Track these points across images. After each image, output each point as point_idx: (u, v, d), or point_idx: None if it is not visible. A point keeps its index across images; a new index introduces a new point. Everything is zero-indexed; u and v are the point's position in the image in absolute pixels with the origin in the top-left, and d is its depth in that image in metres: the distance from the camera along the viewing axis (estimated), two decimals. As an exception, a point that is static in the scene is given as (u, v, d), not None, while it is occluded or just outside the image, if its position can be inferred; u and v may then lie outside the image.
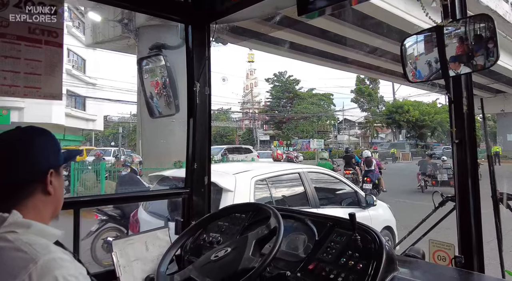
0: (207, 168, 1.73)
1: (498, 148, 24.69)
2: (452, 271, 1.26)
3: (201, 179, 1.71)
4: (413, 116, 36.62)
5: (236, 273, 1.06)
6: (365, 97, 42.78)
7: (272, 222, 1.17)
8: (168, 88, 1.54)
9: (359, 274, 1.05)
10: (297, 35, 13.73)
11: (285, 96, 41.79)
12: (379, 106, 44.10)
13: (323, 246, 1.21)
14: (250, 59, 43.18)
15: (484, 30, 1.13)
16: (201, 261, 1.19)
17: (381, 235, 1.14)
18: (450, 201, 1.36)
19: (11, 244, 0.70)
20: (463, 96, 1.25)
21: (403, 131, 38.24)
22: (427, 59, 1.26)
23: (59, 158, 0.87)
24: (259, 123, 42.58)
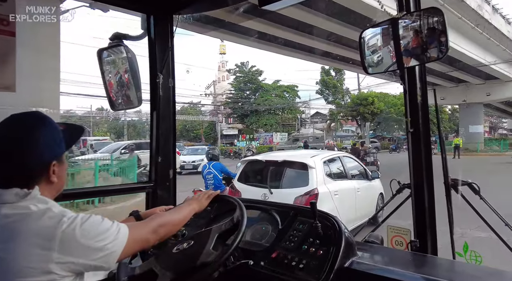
0: (172, 162, 1.78)
1: (459, 141, 25.04)
2: (408, 255, 1.40)
3: (166, 173, 1.75)
4: (378, 108, 37.93)
5: (195, 267, 1.12)
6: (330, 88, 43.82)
7: (236, 214, 1.24)
8: (130, 80, 1.55)
9: (320, 260, 1.15)
10: (267, 25, 13.73)
11: (247, 87, 41.89)
12: (344, 98, 45.46)
13: (286, 234, 1.31)
14: (221, 50, 42.90)
15: (435, 23, 1.26)
16: (163, 254, 1.23)
17: (340, 222, 1.25)
18: (407, 188, 1.50)
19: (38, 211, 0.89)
20: (417, 87, 1.39)
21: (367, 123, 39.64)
22: (384, 51, 1.38)
23: (61, 147, 0.97)
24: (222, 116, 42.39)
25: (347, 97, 45.31)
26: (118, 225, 0.96)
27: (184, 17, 1.72)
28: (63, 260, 0.85)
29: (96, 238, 0.90)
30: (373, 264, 1.20)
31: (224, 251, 1.13)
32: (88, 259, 0.88)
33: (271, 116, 41.31)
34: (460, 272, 1.22)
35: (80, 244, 0.87)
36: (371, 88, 39.94)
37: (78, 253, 0.87)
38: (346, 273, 1.13)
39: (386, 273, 1.11)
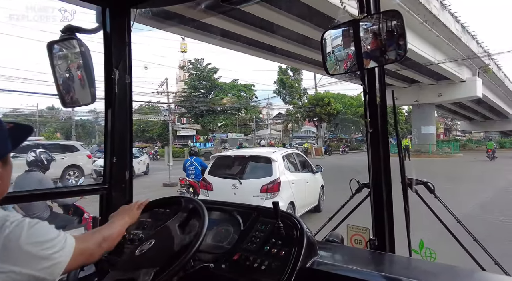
0: (128, 162, 1.75)
1: (408, 142, 25.83)
2: (366, 253, 1.49)
3: (121, 174, 1.73)
4: (335, 109, 39.25)
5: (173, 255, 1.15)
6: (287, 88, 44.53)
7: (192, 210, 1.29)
8: (83, 75, 1.50)
9: (282, 261, 1.19)
10: (230, 22, 13.75)
11: (202, 86, 41.45)
12: (301, 99, 46.49)
13: (248, 236, 1.34)
14: (182, 49, 42.10)
15: (394, 26, 1.35)
16: (125, 259, 1.23)
17: (302, 222, 1.31)
18: (366, 187, 1.59)
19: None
20: (377, 88, 1.48)
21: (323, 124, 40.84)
22: (345, 52, 1.46)
23: (6, 146, 0.93)
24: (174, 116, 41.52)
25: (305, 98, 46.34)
26: (65, 235, 0.94)
27: (143, 11, 1.70)
28: (4, 269, 0.80)
29: (43, 245, 0.86)
30: (334, 263, 1.26)
31: (183, 256, 1.13)
32: (33, 269, 0.83)
33: (227, 116, 41.20)
34: (415, 268, 1.30)
35: (25, 252, 0.83)
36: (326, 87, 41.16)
37: (21, 261, 0.82)
38: (308, 273, 1.18)
39: (346, 272, 1.17)
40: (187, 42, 42.71)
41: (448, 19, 20.33)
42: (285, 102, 47.03)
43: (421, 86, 30.27)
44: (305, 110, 42.90)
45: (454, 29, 21.02)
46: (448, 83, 28.78)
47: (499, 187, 11.08)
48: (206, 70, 41.44)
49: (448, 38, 20.85)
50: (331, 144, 40.33)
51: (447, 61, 23.23)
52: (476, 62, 27.57)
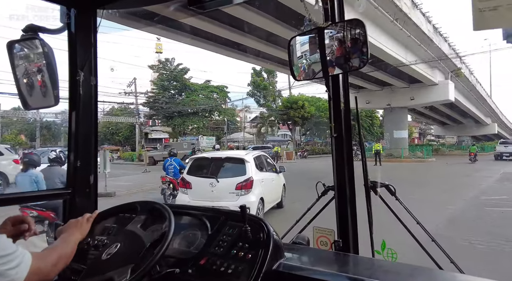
0: (93, 166, 1.75)
1: (379, 146, 25.77)
2: (331, 254, 1.58)
3: (86, 178, 1.73)
4: (309, 112, 39.78)
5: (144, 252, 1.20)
6: (261, 90, 44.71)
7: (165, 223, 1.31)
8: (46, 76, 1.51)
9: (248, 264, 1.24)
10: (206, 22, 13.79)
11: (172, 86, 40.91)
12: (275, 101, 46.74)
13: (215, 240, 1.39)
14: (158, 49, 41.45)
15: (358, 34, 1.46)
16: (92, 265, 1.25)
17: (269, 225, 1.37)
18: (331, 190, 1.69)
19: None
20: (341, 94, 1.59)
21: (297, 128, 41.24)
22: (311, 58, 1.55)
23: None
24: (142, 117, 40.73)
25: (279, 100, 46.60)
26: (23, 251, 0.93)
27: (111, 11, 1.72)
28: None
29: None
30: (299, 265, 1.33)
31: (148, 262, 1.17)
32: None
33: (199, 119, 40.80)
34: (377, 269, 1.39)
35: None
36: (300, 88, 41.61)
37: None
38: (274, 275, 1.23)
39: (311, 274, 1.24)
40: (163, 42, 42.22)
41: (420, 18, 20.28)
42: (259, 104, 47.19)
43: (393, 89, 30.52)
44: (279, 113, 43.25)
45: (425, 30, 21.00)
46: (420, 86, 29.22)
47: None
48: (176, 70, 40.93)
49: (420, 39, 20.92)
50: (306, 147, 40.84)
51: (418, 62, 23.46)
52: (449, 65, 28.10)
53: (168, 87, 40.80)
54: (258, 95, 45.92)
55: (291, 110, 39.52)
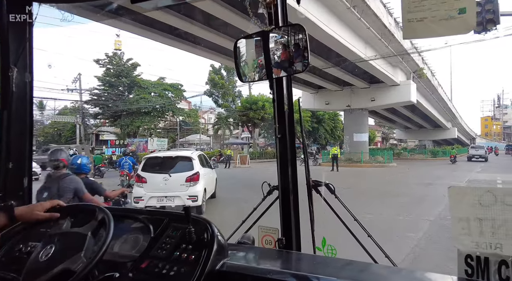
0: (27, 168, 1.77)
1: (336, 150, 25.68)
2: (274, 253, 1.73)
3: (19, 181, 1.74)
4: (270, 114, 40.01)
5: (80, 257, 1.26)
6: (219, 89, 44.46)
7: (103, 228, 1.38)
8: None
9: (191, 265, 1.32)
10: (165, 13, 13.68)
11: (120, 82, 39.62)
12: (234, 102, 46.71)
13: (158, 242, 1.46)
14: (116, 46, 40.10)
15: (299, 39, 1.62)
16: (30, 269, 1.29)
17: (214, 225, 1.46)
18: (276, 190, 1.85)
19: None
20: (284, 96, 1.75)
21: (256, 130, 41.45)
22: (256, 61, 1.70)
23: None
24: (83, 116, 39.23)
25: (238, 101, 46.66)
26: None
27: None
28: None
29: None
30: (243, 264, 1.43)
31: (84, 266, 1.22)
32: None
33: (150, 119, 39.88)
34: (318, 264, 1.53)
35: None
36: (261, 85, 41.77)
37: None
38: (217, 275, 1.32)
39: (253, 272, 1.35)
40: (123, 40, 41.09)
41: (380, 9, 19.56)
42: (217, 104, 46.97)
43: (353, 89, 30.65)
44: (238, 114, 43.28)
45: (386, 23, 20.29)
46: (381, 86, 29.51)
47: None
48: (126, 65, 39.81)
49: (380, 32, 20.49)
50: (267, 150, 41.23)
51: (378, 57, 23.11)
52: (411, 65, 28.62)
53: (115, 83, 39.58)
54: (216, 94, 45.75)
55: (251, 111, 39.67)
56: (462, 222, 1.14)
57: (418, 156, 45.94)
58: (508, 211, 1.08)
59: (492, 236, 1.11)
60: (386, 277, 1.37)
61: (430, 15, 1.43)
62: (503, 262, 1.09)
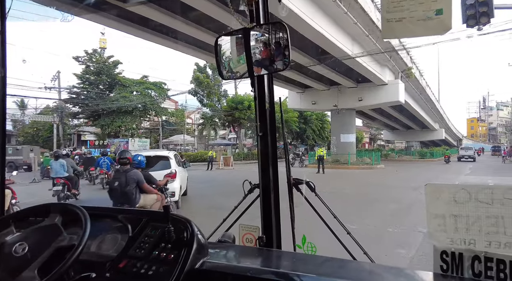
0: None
1: (322, 151, 25.28)
2: (255, 251, 1.77)
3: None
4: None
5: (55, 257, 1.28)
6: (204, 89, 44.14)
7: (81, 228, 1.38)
8: None
9: (170, 264, 1.34)
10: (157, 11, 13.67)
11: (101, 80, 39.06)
12: (220, 101, 46.42)
13: (136, 242, 1.48)
14: (101, 45, 39.51)
15: (281, 37, 1.66)
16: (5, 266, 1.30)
17: (193, 224, 1.49)
18: (257, 188, 1.89)
19: None
20: (266, 94, 1.80)
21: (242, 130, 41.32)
22: (238, 58, 1.74)
23: None
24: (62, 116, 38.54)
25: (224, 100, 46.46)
26: None
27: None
28: None
29: None
30: (223, 262, 1.46)
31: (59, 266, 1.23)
32: None
33: (131, 118, 39.26)
34: (297, 262, 1.57)
35: None
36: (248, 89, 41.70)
37: None
38: (196, 274, 1.35)
39: (233, 270, 1.38)
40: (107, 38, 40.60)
41: (368, 3, 19.01)
42: (202, 104, 46.73)
43: (340, 89, 30.40)
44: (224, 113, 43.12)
45: (374, 18, 19.47)
46: (369, 86, 29.39)
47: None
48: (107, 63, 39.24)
49: (368, 29, 19.94)
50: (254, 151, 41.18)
51: (365, 55, 22.71)
52: (399, 64, 28.51)
53: (95, 81, 38.98)
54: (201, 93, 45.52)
55: (237, 111, 39.56)
56: (438, 219, 1.20)
57: (406, 158, 46.40)
58: (481, 208, 1.14)
59: (466, 232, 1.17)
60: (364, 273, 1.42)
61: (409, 16, 1.49)
62: (476, 257, 1.14)
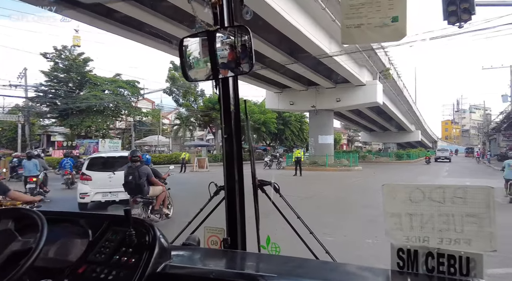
0: None
1: (300, 153, 25.31)
2: (219, 252, 1.81)
3: None
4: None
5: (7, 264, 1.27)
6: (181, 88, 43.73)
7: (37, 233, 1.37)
8: None
9: (131, 268, 1.36)
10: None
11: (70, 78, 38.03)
12: (197, 101, 46.22)
13: (96, 246, 1.49)
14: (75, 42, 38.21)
15: (244, 40, 1.72)
16: None
17: (155, 228, 1.51)
18: (223, 190, 1.94)
19: None
20: (231, 96, 1.85)
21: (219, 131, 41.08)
22: (202, 61, 1.78)
23: None
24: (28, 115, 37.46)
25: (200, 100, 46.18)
26: None
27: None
28: None
29: None
30: (186, 265, 1.49)
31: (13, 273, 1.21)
32: None
33: (102, 118, 38.57)
34: (261, 262, 1.64)
35: None
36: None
37: None
38: (157, 278, 1.36)
39: (196, 273, 1.41)
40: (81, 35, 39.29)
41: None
42: (177, 103, 46.38)
43: (319, 89, 30.56)
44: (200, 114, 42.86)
45: None
46: (347, 86, 29.57)
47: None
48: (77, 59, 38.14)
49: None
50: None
51: (343, 53, 22.55)
52: (377, 65, 28.80)
53: (65, 79, 37.94)
54: (176, 93, 45.13)
55: (214, 111, 39.24)
56: (395, 218, 1.28)
57: (383, 159, 47.53)
58: (434, 207, 1.22)
59: (420, 230, 1.25)
60: (324, 271, 1.47)
61: (367, 22, 1.58)
62: (429, 253, 1.23)
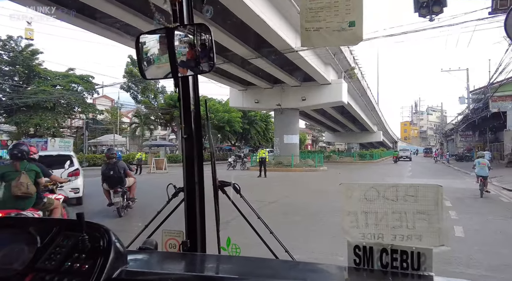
0: None
1: (264, 153, 25.26)
2: (178, 256, 1.82)
3: None
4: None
5: None
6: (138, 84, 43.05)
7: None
8: None
9: (84, 275, 1.32)
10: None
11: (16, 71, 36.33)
12: (157, 98, 45.74)
13: (46, 253, 1.44)
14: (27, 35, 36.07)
15: (204, 38, 1.74)
16: None
17: (111, 232, 1.47)
18: (182, 191, 1.95)
19: None
20: (191, 96, 1.87)
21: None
22: (161, 58, 1.78)
23: None
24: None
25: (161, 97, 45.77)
26: None
27: None
28: None
29: None
30: (143, 270, 1.48)
31: None
32: None
33: (52, 115, 36.91)
34: (221, 264, 1.65)
35: None
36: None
37: None
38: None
39: (154, 277, 1.41)
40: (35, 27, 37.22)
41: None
42: (136, 100, 45.59)
43: (284, 87, 30.92)
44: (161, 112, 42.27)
45: None
46: (313, 85, 30.15)
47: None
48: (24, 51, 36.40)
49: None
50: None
51: (308, 49, 21.87)
52: (342, 63, 29.24)
53: (9, 73, 36.26)
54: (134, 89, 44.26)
55: (175, 109, 38.90)
56: (351, 216, 1.35)
57: (347, 159, 48.73)
58: (388, 205, 1.30)
59: (375, 227, 1.33)
60: (283, 270, 1.52)
61: (325, 26, 1.65)
62: (384, 250, 1.30)
